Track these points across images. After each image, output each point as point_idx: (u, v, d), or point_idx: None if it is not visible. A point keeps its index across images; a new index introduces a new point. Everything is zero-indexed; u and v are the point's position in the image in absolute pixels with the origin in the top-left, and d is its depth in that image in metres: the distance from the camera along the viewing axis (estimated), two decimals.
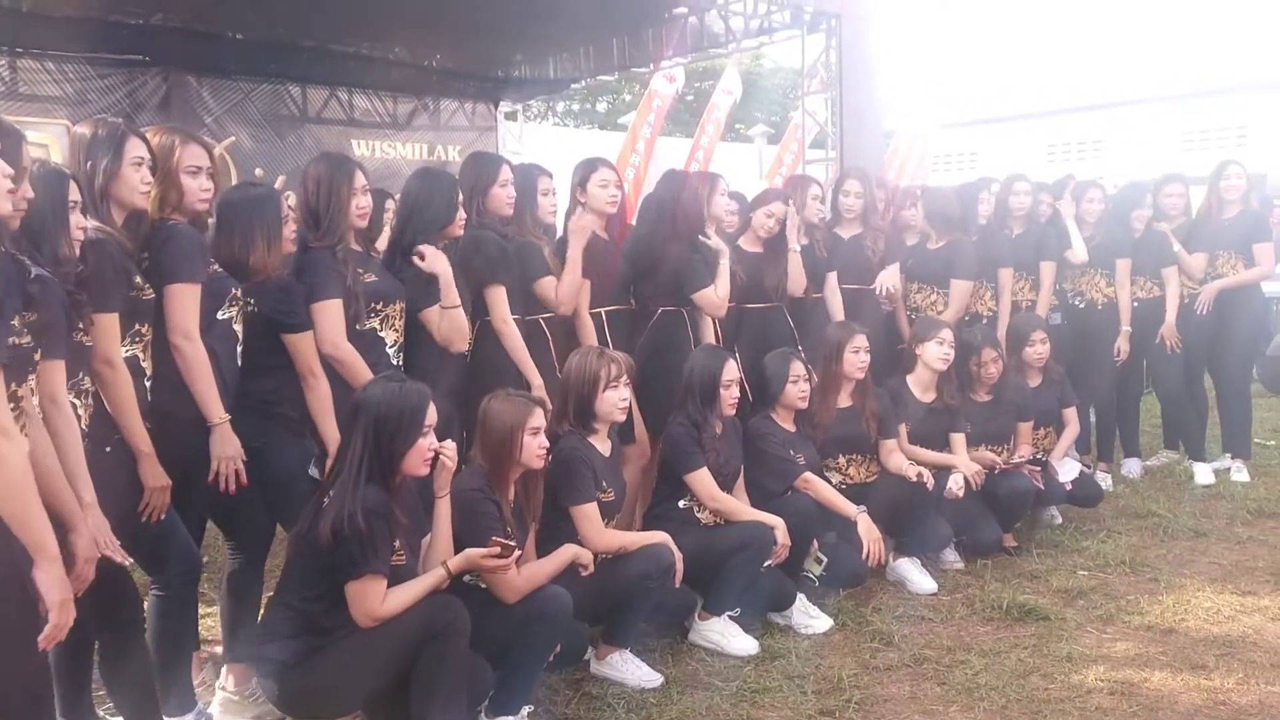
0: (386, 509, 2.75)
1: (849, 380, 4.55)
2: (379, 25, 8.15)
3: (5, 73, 7.40)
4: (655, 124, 12.41)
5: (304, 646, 2.75)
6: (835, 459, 4.58)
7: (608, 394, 3.58)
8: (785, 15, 8.14)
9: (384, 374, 3.13)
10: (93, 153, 2.89)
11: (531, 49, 9.37)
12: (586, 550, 3.33)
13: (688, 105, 21.03)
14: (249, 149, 8.51)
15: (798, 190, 5.04)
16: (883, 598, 4.32)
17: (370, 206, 3.63)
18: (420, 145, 9.68)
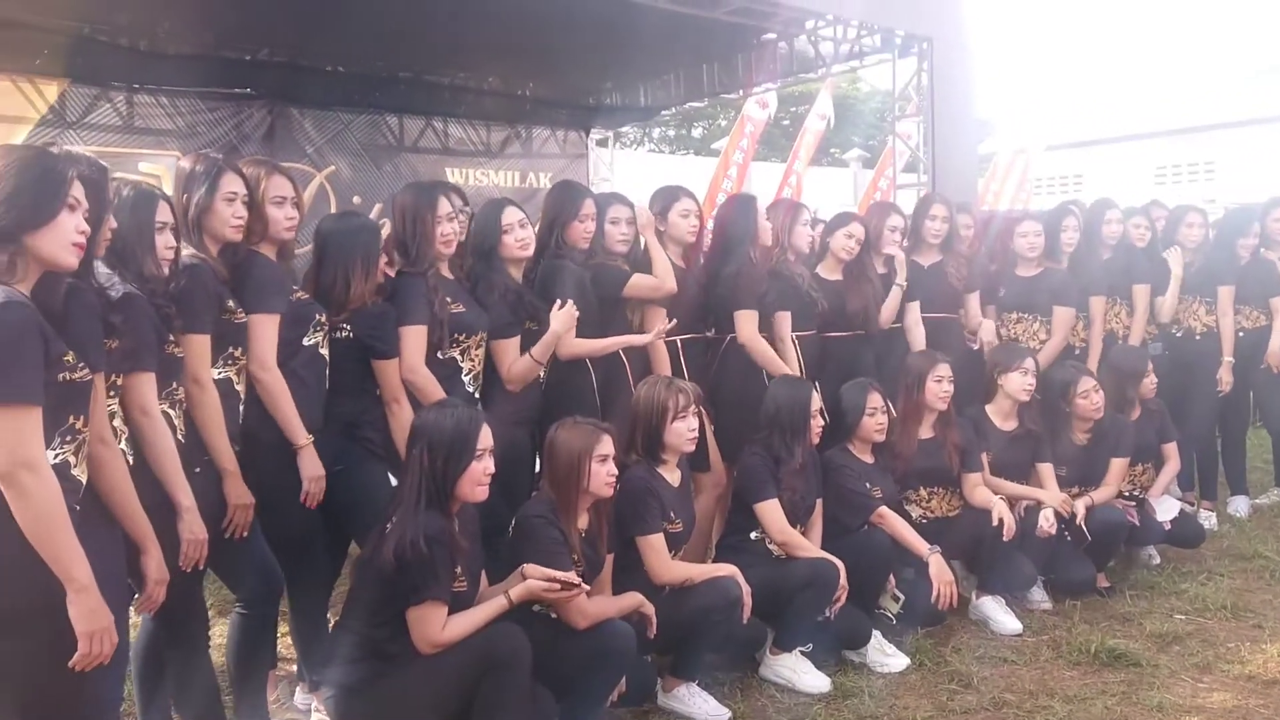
0: (447, 534, 2.79)
1: (931, 411, 4.44)
2: (473, 56, 8.34)
3: (123, 108, 7.78)
4: (748, 149, 12.34)
5: (367, 671, 2.80)
6: (916, 491, 4.46)
7: (676, 424, 3.56)
8: (876, 39, 8.04)
9: (442, 400, 3.17)
10: (190, 186, 3.04)
11: (622, 77, 9.45)
12: (650, 605, 3.31)
13: (783, 129, 20.94)
14: (347, 178, 8.75)
15: (877, 218, 4.96)
16: (963, 637, 4.18)
17: (456, 234, 3.70)
18: (512, 173, 9.84)
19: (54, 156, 2.17)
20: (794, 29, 8.00)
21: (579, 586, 2.97)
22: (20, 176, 2.09)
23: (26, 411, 1.99)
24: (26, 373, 1.99)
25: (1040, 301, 5.28)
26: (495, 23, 6.90)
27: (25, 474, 1.98)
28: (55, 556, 2.02)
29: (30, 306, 2.05)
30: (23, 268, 2.10)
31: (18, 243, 2.08)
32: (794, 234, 4.62)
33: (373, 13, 6.63)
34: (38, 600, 2.03)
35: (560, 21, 6.82)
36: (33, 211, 2.09)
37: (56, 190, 2.12)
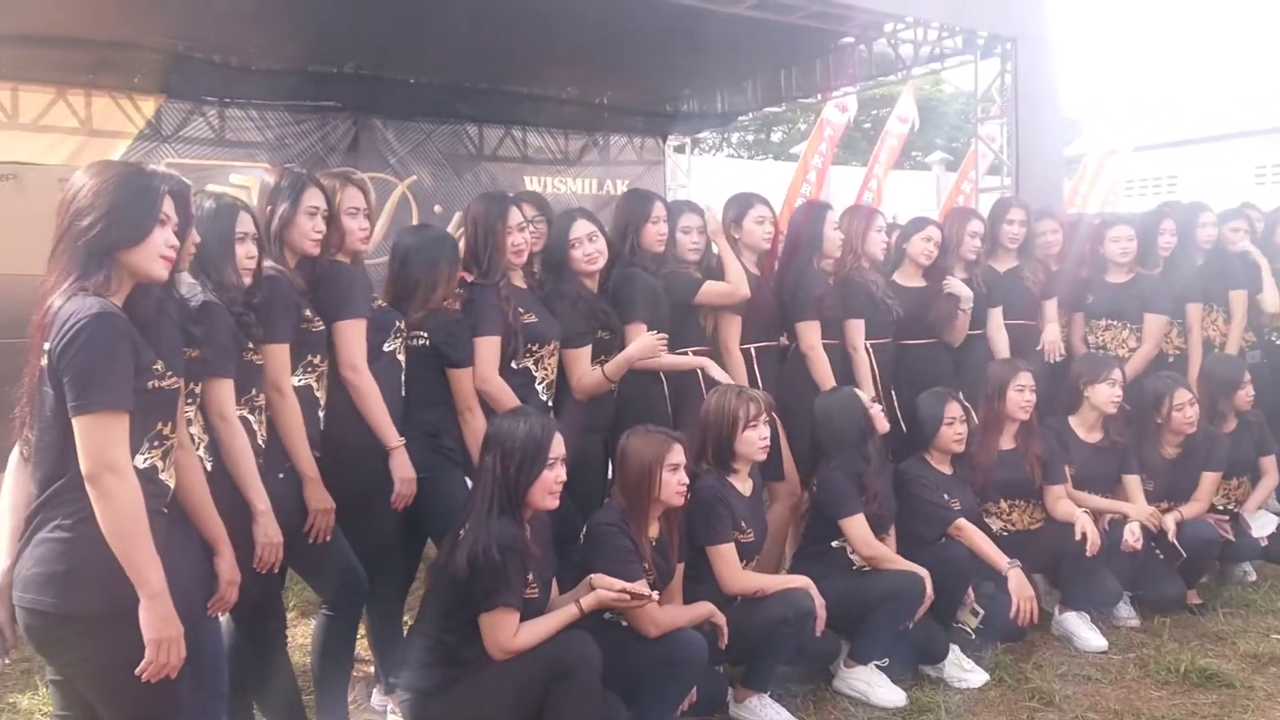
0: (518, 541, 2.81)
1: (1012, 421, 4.33)
2: (551, 66, 8.40)
3: (215, 122, 8.03)
4: (827, 153, 12.21)
5: (441, 676, 2.84)
6: (996, 504, 4.36)
7: (747, 433, 3.54)
8: (958, 41, 7.88)
9: (515, 408, 3.21)
10: (274, 199, 3.13)
11: (699, 83, 9.43)
12: (721, 615, 3.29)
13: (864, 133, 20.68)
14: (429, 187, 8.89)
15: (956, 224, 4.86)
16: (1045, 653, 4.07)
17: (528, 244, 3.74)
18: (590, 180, 9.89)
19: (147, 174, 2.26)
20: (872, 32, 7.90)
21: (649, 597, 2.97)
22: (117, 194, 2.18)
23: (116, 418, 2.07)
24: (118, 381, 2.07)
25: (1130, 308, 5.11)
26: (573, 33, 6.95)
27: (110, 477, 2.05)
28: (131, 560, 2.08)
29: (123, 317, 2.13)
30: (116, 281, 2.19)
31: (113, 259, 2.17)
32: (868, 240, 4.56)
33: (453, 25, 6.74)
34: (119, 601, 2.10)
35: (637, 30, 6.84)
36: (129, 228, 2.18)
37: (150, 207, 2.21)
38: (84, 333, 2.04)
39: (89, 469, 2.04)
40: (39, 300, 2.15)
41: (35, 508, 2.14)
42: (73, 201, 2.18)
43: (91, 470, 2.05)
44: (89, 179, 2.20)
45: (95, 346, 2.05)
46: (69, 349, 2.04)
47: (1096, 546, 4.07)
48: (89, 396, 2.04)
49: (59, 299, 2.11)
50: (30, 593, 2.10)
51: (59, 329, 2.06)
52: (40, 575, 2.09)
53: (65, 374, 2.05)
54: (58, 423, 2.10)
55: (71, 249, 2.16)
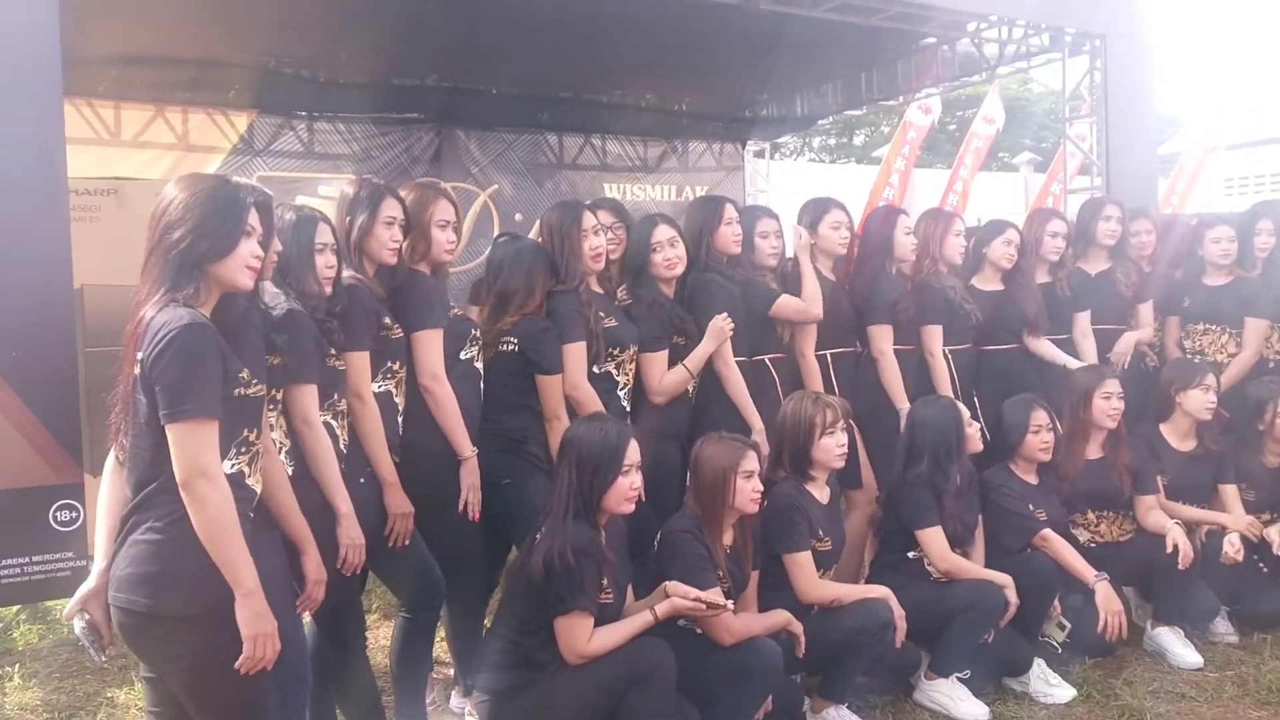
0: (594, 546, 2.83)
1: (1099, 429, 4.20)
2: (629, 74, 8.46)
3: (305, 135, 8.28)
4: (910, 156, 12.08)
5: (517, 678, 2.87)
6: (1084, 515, 4.23)
7: (824, 440, 3.50)
8: (1044, 39, 7.69)
9: (591, 413, 3.22)
10: (352, 209, 3.20)
11: (778, 88, 9.38)
12: (799, 624, 3.26)
13: (949, 134, 20.31)
14: (510, 196, 9.02)
15: (1036, 224, 4.74)
16: (1136, 669, 3.94)
17: (604, 248, 3.77)
18: (669, 187, 9.92)
19: (233, 186, 2.33)
20: (955, 31, 7.76)
21: (724, 606, 2.96)
22: (205, 207, 2.25)
23: (207, 425, 2.14)
24: (208, 390, 2.14)
25: (1228, 312, 4.92)
26: (651, 40, 6.99)
27: (203, 483, 2.12)
28: (226, 561, 2.15)
29: (212, 328, 2.21)
30: (205, 292, 2.27)
31: (202, 270, 2.25)
32: (946, 245, 4.47)
33: (533, 36, 6.83)
34: (208, 601, 2.17)
35: (715, 36, 6.84)
36: (218, 241, 2.25)
37: (237, 220, 2.28)
38: (175, 343, 2.12)
39: (183, 476, 2.12)
40: (132, 311, 2.24)
41: (129, 510, 2.23)
42: (163, 215, 2.26)
43: (185, 477, 2.12)
44: (179, 193, 2.28)
45: (186, 356, 2.12)
46: (161, 359, 2.12)
47: (1189, 559, 3.92)
48: (181, 405, 2.11)
49: (151, 310, 2.19)
50: (124, 592, 2.19)
51: (151, 339, 2.14)
52: (133, 575, 2.18)
53: (157, 383, 2.13)
54: (151, 430, 2.18)
55: (162, 262, 2.24)
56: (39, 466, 3.91)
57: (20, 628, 4.46)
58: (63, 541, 3.97)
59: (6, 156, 3.81)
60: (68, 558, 3.96)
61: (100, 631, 2.34)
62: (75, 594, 2.33)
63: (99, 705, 3.73)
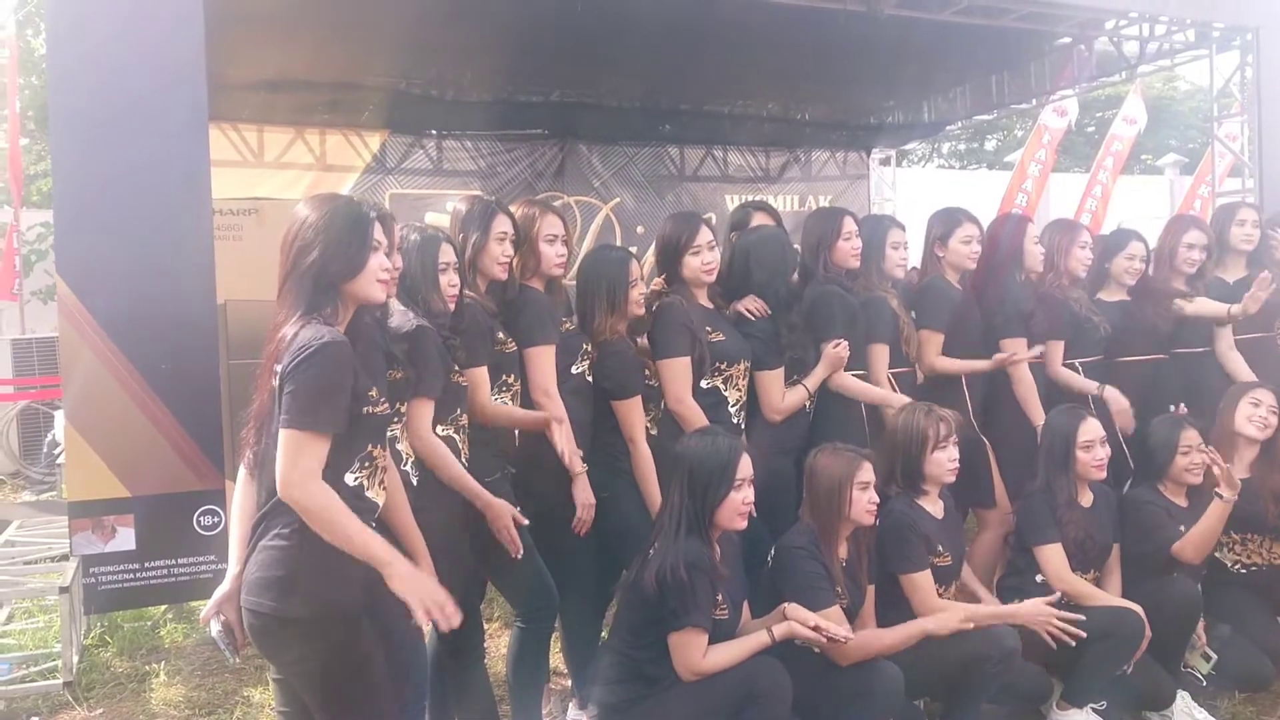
0: (706, 561, 2.80)
1: (1248, 446, 3.94)
2: (751, 84, 8.42)
3: (434, 153, 8.55)
4: (1046, 160, 11.66)
5: (630, 693, 2.86)
6: (1228, 534, 3.95)
7: (937, 454, 3.40)
8: (1189, 34, 7.30)
9: (704, 427, 3.19)
10: (465, 226, 3.25)
11: (904, 94, 9.19)
12: (946, 623, 3.14)
13: (1087, 137, 19.52)
14: (631, 209, 9.10)
15: (1171, 234, 4.49)
16: None
17: (716, 261, 3.73)
18: (792, 196, 9.83)
19: (357, 204, 2.40)
20: (1092, 30, 7.43)
21: (844, 638, 2.89)
22: (335, 228, 2.31)
23: (320, 440, 2.19)
24: (336, 406, 2.20)
25: None
26: (772, 49, 6.94)
27: (298, 491, 2.16)
28: (355, 547, 2.19)
29: (348, 345, 2.27)
30: (342, 309, 2.34)
31: (338, 289, 2.32)
32: (1070, 257, 4.28)
33: (652, 49, 6.87)
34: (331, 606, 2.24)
35: (838, 43, 6.74)
36: (349, 259, 2.31)
37: (364, 236, 2.34)
38: (316, 357, 2.18)
39: (280, 480, 2.17)
40: (270, 333, 2.31)
41: (259, 517, 2.32)
42: (295, 239, 2.33)
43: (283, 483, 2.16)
44: (309, 214, 2.35)
45: (323, 371, 2.18)
46: (298, 370, 2.18)
47: None
48: (303, 416, 2.17)
49: (291, 329, 2.25)
50: (253, 595, 2.27)
51: (293, 353, 2.20)
52: (261, 579, 2.26)
53: (288, 391, 2.19)
54: None
55: (298, 284, 2.30)
56: (184, 474, 4.14)
57: (166, 626, 4.71)
58: (206, 545, 4.19)
59: (156, 179, 4.06)
60: (210, 560, 4.17)
61: (234, 634, 2.43)
62: (211, 598, 2.43)
63: (235, 703, 3.90)
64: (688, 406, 3.52)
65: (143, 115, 4.03)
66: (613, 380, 3.45)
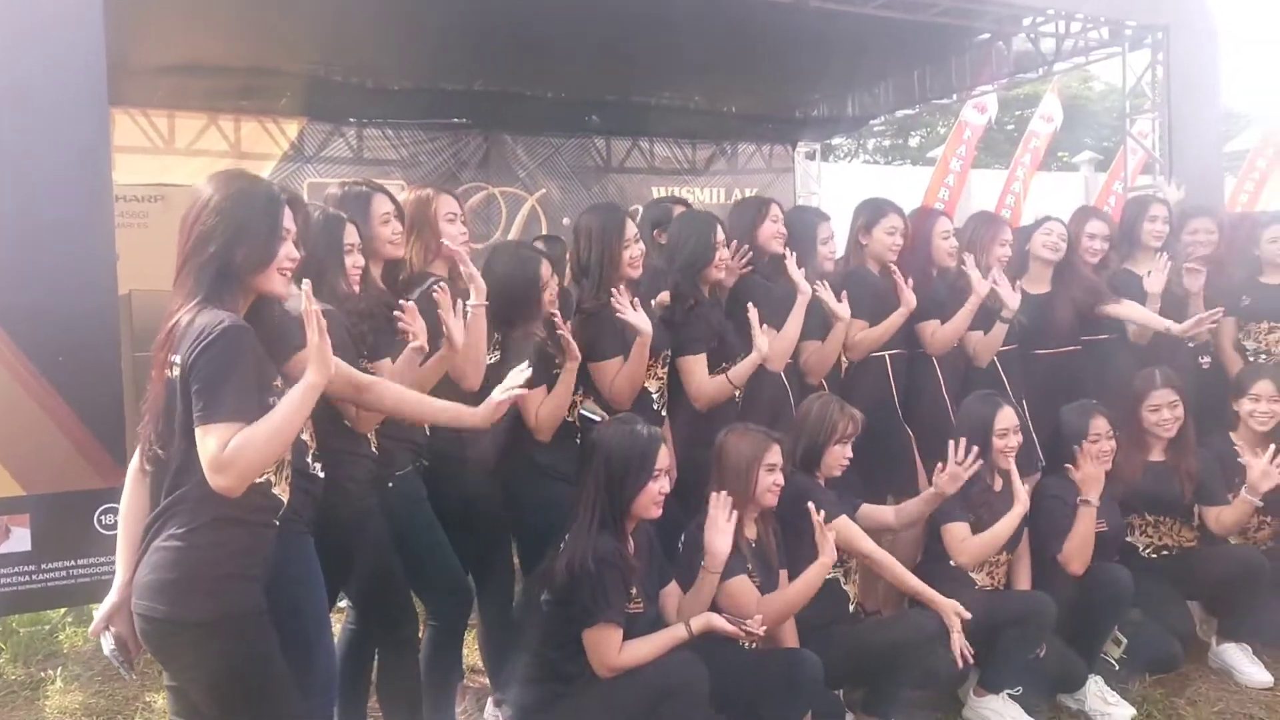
0: (618, 555, 2.75)
1: (1154, 438, 4.03)
2: (677, 75, 8.39)
3: (354, 141, 8.35)
4: (967, 156, 11.84)
5: (545, 692, 2.81)
6: (1141, 517, 4.06)
7: (836, 448, 3.43)
8: (1103, 32, 7.45)
9: (619, 416, 3.12)
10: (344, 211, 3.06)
11: (829, 87, 9.24)
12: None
13: (1006, 134, 19.91)
14: (557, 200, 9.00)
15: (1075, 224, 4.56)
16: (1201, 688, 3.76)
17: (643, 255, 3.67)
18: (718, 189, 9.83)
19: (267, 186, 2.26)
20: (1011, 26, 7.55)
21: (760, 635, 2.86)
22: (242, 214, 2.17)
23: (235, 430, 2.06)
24: (243, 394, 2.08)
25: None
26: (698, 41, 6.90)
27: (228, 474, 2.03)
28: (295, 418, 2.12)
29: (249, 330, 2.14)
30: (243, 298, 2.22)
31: (241, 282, 2.19)
32: (991, 252, 4.28)
33: (578, 40, 6.79)
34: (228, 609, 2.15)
35: (763, 35, 6.74)
36: (256, 252, 2.18)
37: (275, 224, 2.21)
38: (217, 345, 2.05)
39: (211, 478, 2.04)
40: (164, 319, 2.17)
41: (154, 517, 2.20)
42: (196, 222, 2.18)
43: (214, 482, 2.04)
44: (213, 194, 2.19)
45: (227, 359, 2.06)
46: (201, 360, 2.06)
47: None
48: (214, 409, 2.05)
49: (186, 315, 2.12)
50: (145, 599, 2.15)
51: (192, 341, 2.07)
52: (154, 582, 2.14)
53: (195, 383, 2.06)
54: (184, 433, 2.11)
55: (198, 273, 2.16)
56: (84, 470, 3.95)
57: (66, 630, 4.51)
58: (108, 545, 3.95)
59: (52, 162, 3.85)
60: (113, 561, 3.98)
61: (128, 646, 2.32)
62: (99, 611, 2.31)
63: (136, 709, 3.75)
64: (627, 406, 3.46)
65: (36, 97, 3.83)
66: None
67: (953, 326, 4.12)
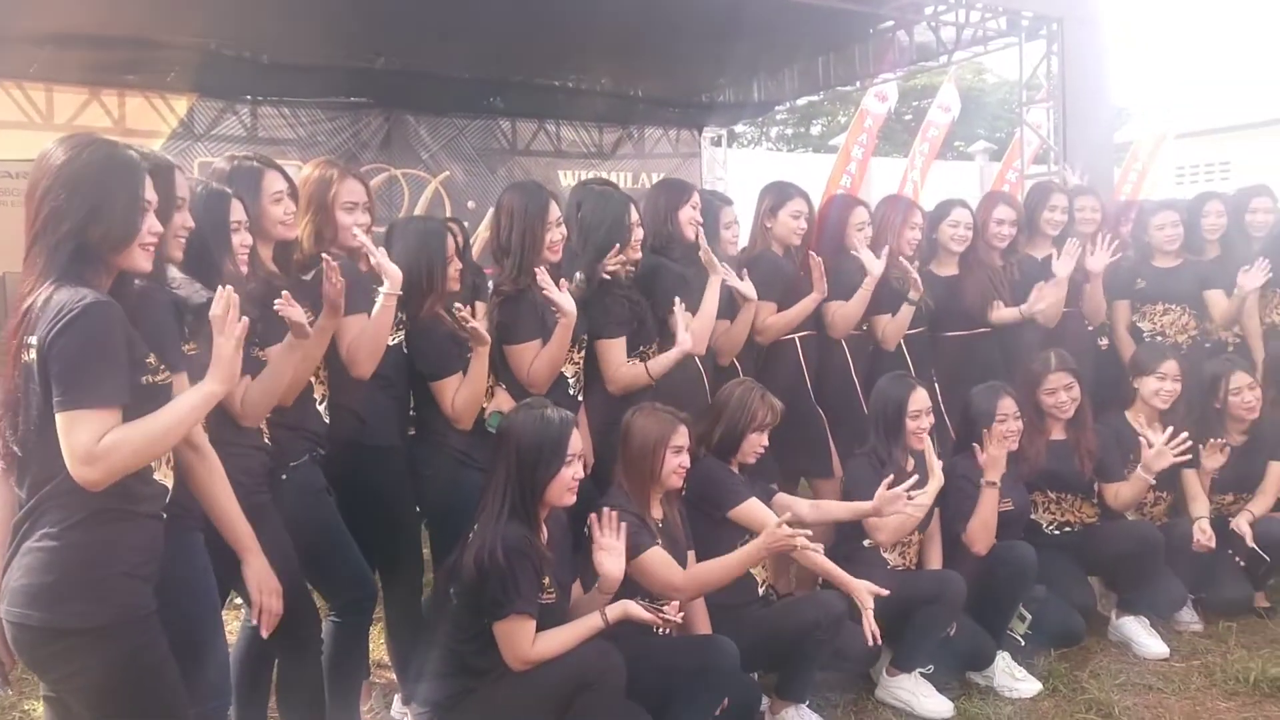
0: (529, 545, 2.66)
1: (1054, 419, 4.12)
2: (584, 58, 8.30)
3: (248, 119, 8.02)
4: (868, 144, 12.04)
5: (456, 687, 2.70)
6: (1043, 494, 4.14)
7: (754, 436, 3.40)
8: (1001, 22, 7.64)
9: (528, 401, 3.01)
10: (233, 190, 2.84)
11: (735, 73, 9.26)
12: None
13: (905, 124, 20.34)
14: (462, 183, 8.82)
15: (982, 209, 4.64)
16: (1102, 660, 3.85)
17: (564, 239, 3.56)
18: (625, 174, 9.76)
19: (128, 155, 2.06)
20: (913, 15, 7.68)
21: (677, 621, 2.81)
22: (97, 186, 1.98)
23: (108, 415, 1.90)
24: (113, 376, 1.91)
25: (1186, 290, 4.87)
26: (606, 24, 6.83)
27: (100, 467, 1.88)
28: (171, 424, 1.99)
29: (116, 306, 1.96)
30: (105, 274, 2.04)
31: (99, 260, 2.00)
32: (901, 237, 4.31)
33: (484, 19, 6.64)
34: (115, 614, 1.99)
35: (671, 19, 6.70)
36: (114, 229, 1.99)
37: (136, 199, 2.02)
38: (78, 323, 1.87)
39: (74, 468, 1.87)
40: (15, 303, 1.98)
41: (22, 516, 2.00)
42: (45, 194, 1.97)
43: (79, 468, 1.87)
44: (62, 160, 1.97)
45: (89, 338, 1.88)
46: (60, 339, 1.87)
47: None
48: (80, 393, 1.88)
49: (42, 294, 1.93)
50: (17, 606, 1.97)
51: (50, 320, 1.89)
52: (27, 588, 1.96)
53: (54, 365, 1.88)
54: (46, 423, 1.93)
55: (51, 251, 1.95)
56: None
57: None
58: None
59: None
60: None
61: (1, 661, 2.14)
62: None
63: (14, 719, 3.51)
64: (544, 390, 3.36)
65: None
66: (428, 362, 3.23)
67: (852, 307, 4.14)
